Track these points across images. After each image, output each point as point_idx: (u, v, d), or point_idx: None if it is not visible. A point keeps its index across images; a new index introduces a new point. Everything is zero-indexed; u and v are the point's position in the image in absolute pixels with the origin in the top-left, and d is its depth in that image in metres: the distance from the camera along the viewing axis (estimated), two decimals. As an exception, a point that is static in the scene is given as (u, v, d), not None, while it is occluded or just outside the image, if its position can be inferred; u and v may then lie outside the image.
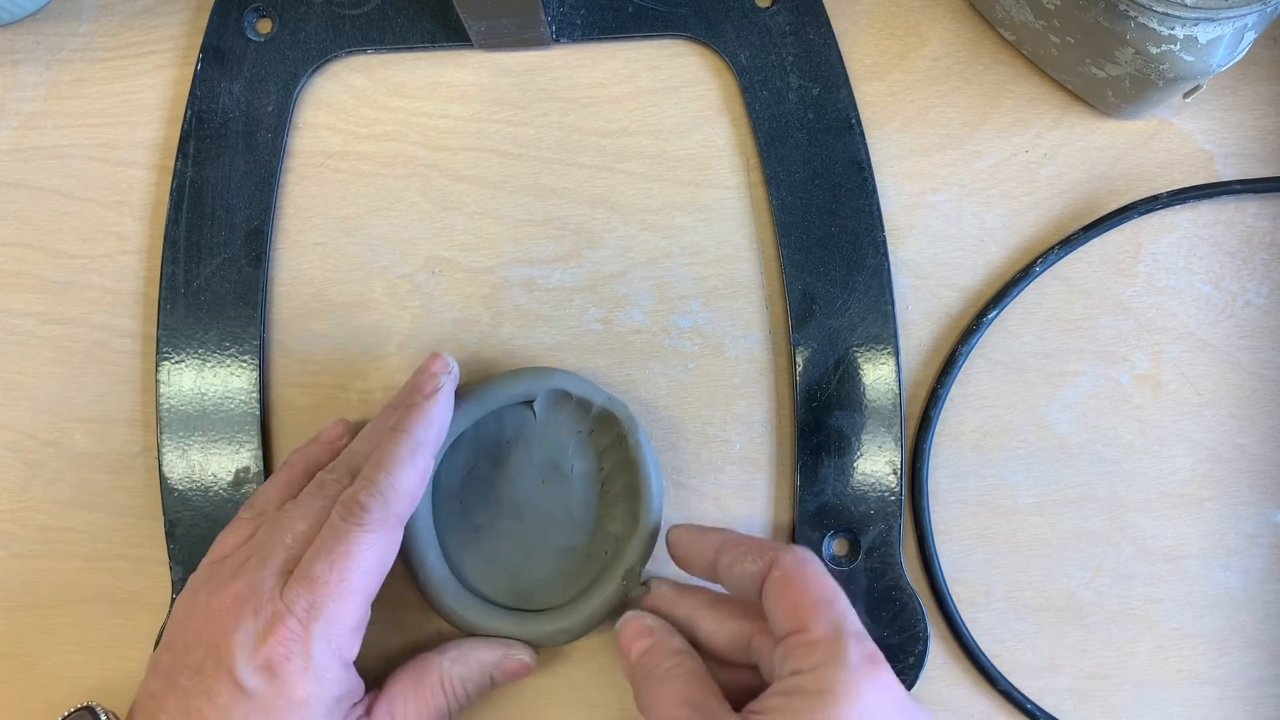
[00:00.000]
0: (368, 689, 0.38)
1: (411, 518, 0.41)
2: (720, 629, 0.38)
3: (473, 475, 0.43)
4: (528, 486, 0.43)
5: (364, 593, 0.36)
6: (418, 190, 0.45)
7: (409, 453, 0.38)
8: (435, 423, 0.39)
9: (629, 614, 0.40)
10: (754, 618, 0.38)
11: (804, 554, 0.37)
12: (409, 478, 0.37)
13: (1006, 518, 0.44)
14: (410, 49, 0.45)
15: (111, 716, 0.37)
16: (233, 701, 0.34)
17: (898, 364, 0.43)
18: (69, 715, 0.37)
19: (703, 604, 0.39)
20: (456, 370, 0.41)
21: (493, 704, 0.43)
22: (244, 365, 0.44)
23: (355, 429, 0.42)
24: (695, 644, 0.39)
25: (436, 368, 0.40)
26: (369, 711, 0.38)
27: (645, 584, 0.40)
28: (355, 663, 0.37)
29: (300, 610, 0.35)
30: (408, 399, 0.39)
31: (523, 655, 0.40)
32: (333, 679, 0.35)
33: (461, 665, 0.40)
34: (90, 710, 0.37)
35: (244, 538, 0.38)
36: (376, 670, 0.40)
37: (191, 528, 0.43)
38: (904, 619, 0.43)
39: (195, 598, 0.37)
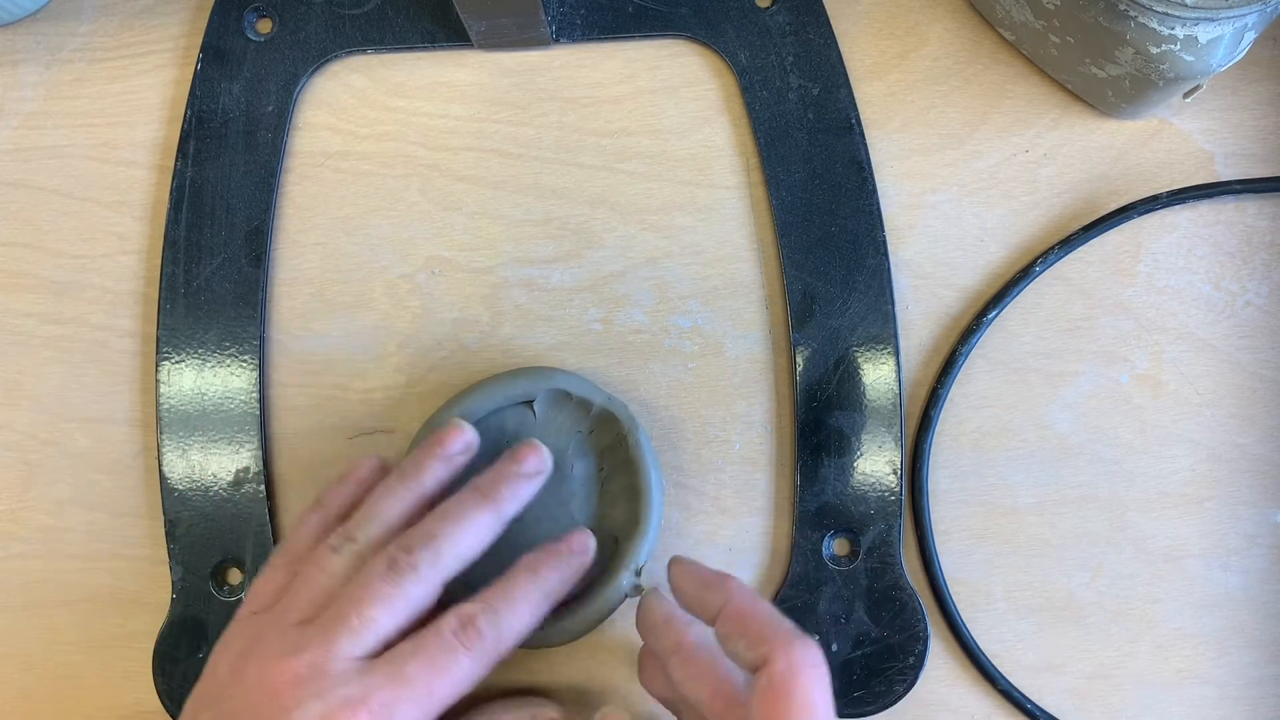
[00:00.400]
0: None
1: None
2: (684, 683, 0.36)
3: (473, 475, 0.43)
4: (528, 486, 0.43)
5: (442, 707, 0.35)
6: (418, 190, 0.45)
7: (539, 601, 0.37)
8: (571, 579, 0.39)
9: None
10: (719, 695, 0.36)
11: (800, 661, 0.33)
12: (527, 624, 0.37)
13: (1006, 518, 0.44)
14: (410, 49, 0.45)
15: None
16: None
17: (898, 364, 0.43)
18: None
19: (678, 649, 0.37)
20: (476, 442, 0.41)
21: (493, 704, 0.43)
22: (244, 365, 0.44)
23: (387, 467, 0.41)
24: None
25: (589, 541, 0.40)
26: None
27: (642, 587, 0.40)
28: None
29: (377, 704, 0.34)
30: (552, 550, 0.39)
31: (551, 713, 0.40)
32: None
33: None
34: None
35: (280, 584, 0.37)
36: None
37: (191, 528, 0.43)
38: (904, 619, 0.43)
39: (244, 662, 0.35)
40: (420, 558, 0.36)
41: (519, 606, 0.37)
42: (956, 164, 0.45)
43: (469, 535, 0.38)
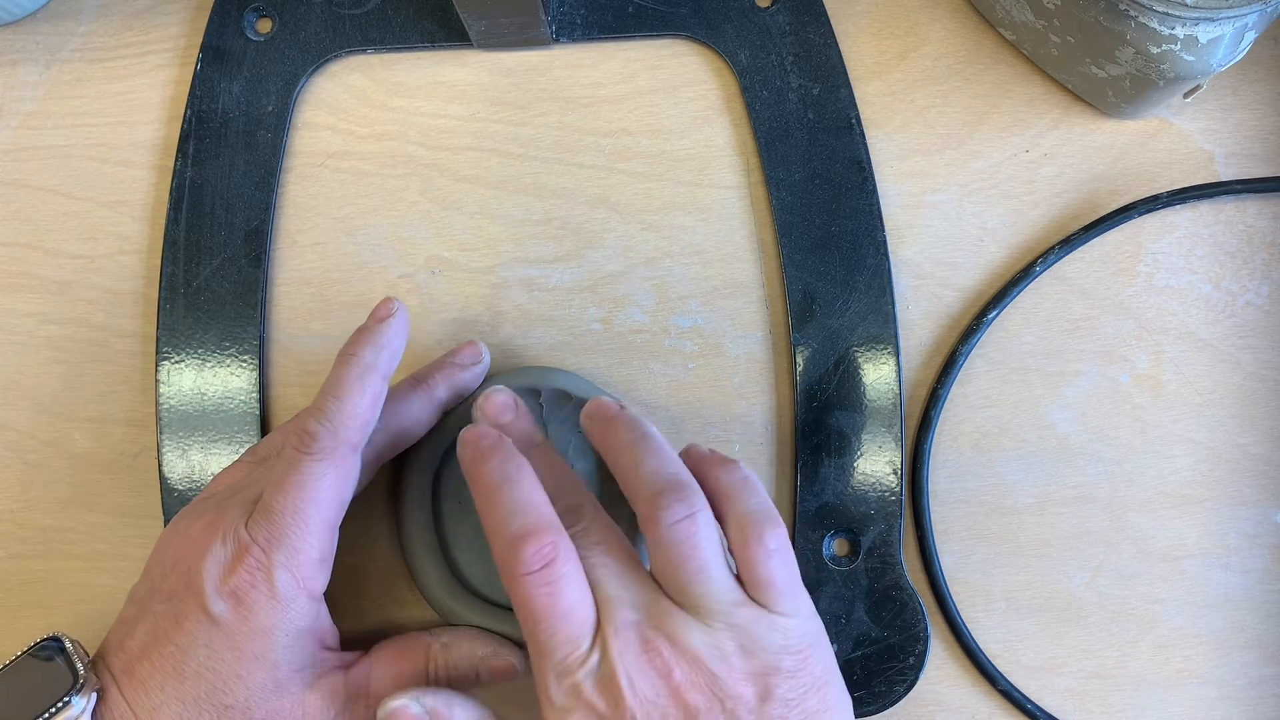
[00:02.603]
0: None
1: (411, 517, 0.41)
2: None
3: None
4: (528, 486, 0.42)
5: (322, 522, 0.36)
6: (418, 190, 0.45)
7: (357, 377, 0.37)
8: (384, 345, 0.38)
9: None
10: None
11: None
12: (358, 403, 0.37)
13: (1006, 518, 0.44)
14: (410, 49, 0.45)
15: (78, 646, 0.36)
16: (199, 627, 0.35)
17: (898, 364, 0.43)
18: (35, 645, 0.36)
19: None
20: (488, 358, 0.42)
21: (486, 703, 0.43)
22: (244, 365, 0.44)
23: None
24: None
25: (392, 306, 0.39)
26: (347, 668, 0.38)
27: None
28: (346, 644, 0.38)
29: (262, 540, 0.35)
30: (358, 330, 0.39)
31: (512, 658, 0.40)
32: (299, 610, 0.36)
33: (451, 651, 0.39)
34: (56, 640, 0.36)
35: (239, 479, 0.38)
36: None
37: (191, 528, 0.43)
38: (904, 619, 0.43)
39: (176, 526, 0.37)
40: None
41: (341, 392, 0.37)
42: (956, 164, 0.45)
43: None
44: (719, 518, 0.36)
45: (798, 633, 0.35)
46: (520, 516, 0.35)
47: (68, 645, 0.36)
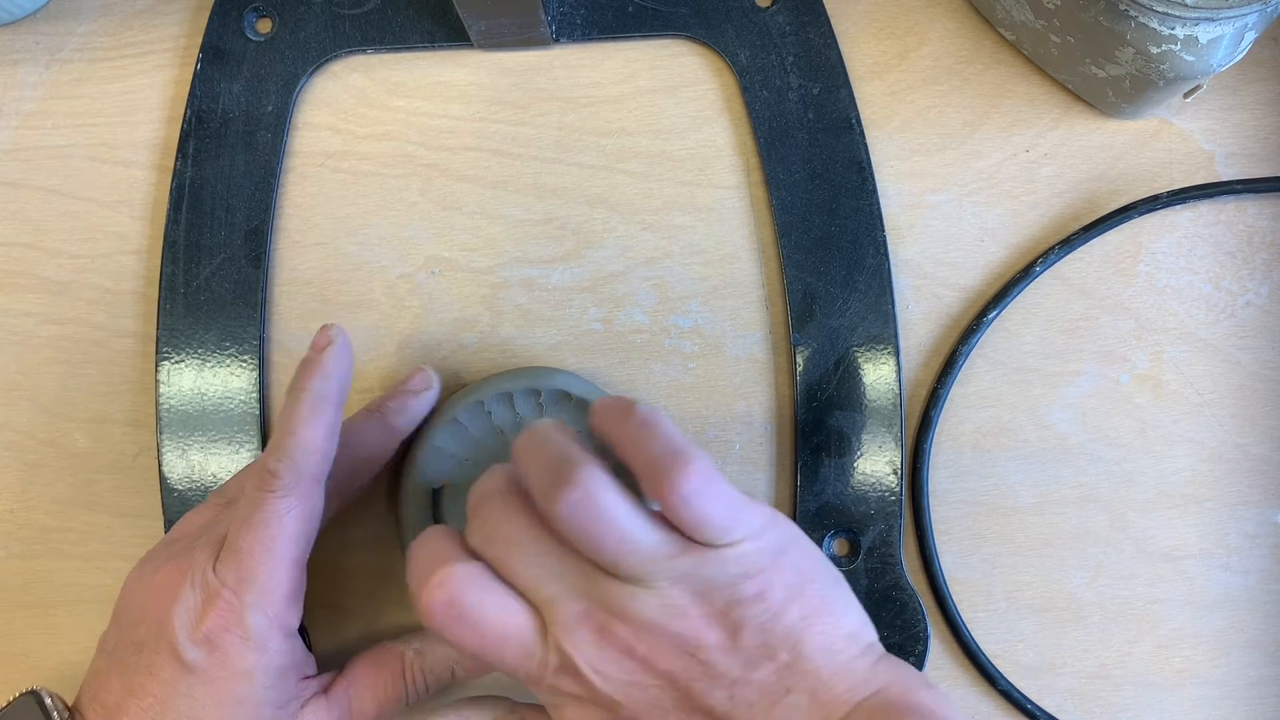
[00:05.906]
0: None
1: (411, 518, 0.41)
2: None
3: (474, 475, 0.43)
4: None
5: (290, 559, 0.35)
6: (418, 190, 0.45)
7: (309, 410, 0.36)
8: (330, 373, 0.37)
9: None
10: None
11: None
12: (313, 436, 0.36)
13: (1006, 518, 0.44)
14: (410, 49, 0.45)
15: (57, 700, 0.36)
16: (175, 676, 0.35)
17: (898, 364, 0.43)
18: (13, 701, 0.36)
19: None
20: (438, 385, 0.42)
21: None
22: (244, 365, 0.44)
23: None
24: None
25: (332, 333, 0.38)
26: (326, 691, 0.38)
27: None
28: (341, 655, 0.38)
29: (231, 582, 0.35)
30: (302, 362, 0.38)
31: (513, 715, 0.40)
32: (275, 649, 0.35)
33: (425, 656, 0.39)
34: (35, 695, 0.36)
35: (205, 522, 0.38)
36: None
37: (191, 528, 0.43)
38: (904, 619, 0.43)
39: (141, 572, 0.37)
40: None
41: (296, 427, 0.36)
42: (956, 164, 0.45)
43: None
44: (633, 472, 0.34)
45: (752, 554, 0.33)
46: (417, 573, 0.34)
47: (47, 701, 0.35)
